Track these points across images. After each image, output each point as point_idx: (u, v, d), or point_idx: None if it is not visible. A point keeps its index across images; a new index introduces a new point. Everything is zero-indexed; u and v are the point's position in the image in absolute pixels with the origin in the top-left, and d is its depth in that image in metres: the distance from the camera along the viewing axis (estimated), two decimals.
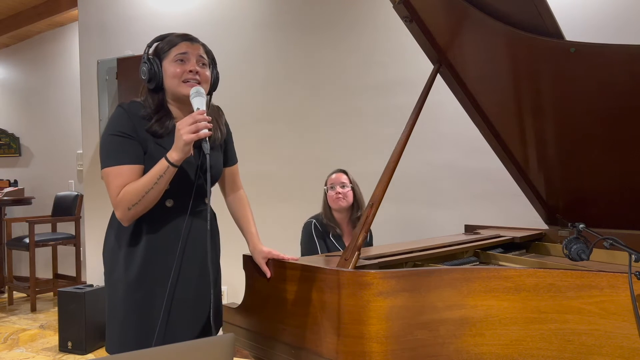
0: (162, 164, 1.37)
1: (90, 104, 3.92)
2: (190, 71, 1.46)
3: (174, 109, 1.51)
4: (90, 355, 3.54)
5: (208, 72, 1.51)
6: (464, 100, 1.94)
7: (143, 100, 1.50)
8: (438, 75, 1.86)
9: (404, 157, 1.70)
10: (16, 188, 5.58)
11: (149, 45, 1.50)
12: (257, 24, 3.41)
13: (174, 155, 1.36)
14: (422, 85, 1.80)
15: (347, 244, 2.50)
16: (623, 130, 1.59)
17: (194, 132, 1.33)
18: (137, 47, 3.73)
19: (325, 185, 2.59)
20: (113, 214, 1.51)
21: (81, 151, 4.65)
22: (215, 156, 1.57)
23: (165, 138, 1.45)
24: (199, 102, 1.40)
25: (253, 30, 3.42)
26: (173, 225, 1.49)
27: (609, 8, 2.47)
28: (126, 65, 3.67)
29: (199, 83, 1.46)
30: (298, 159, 3.29)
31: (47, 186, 5.69)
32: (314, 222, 2.57)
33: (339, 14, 3.16)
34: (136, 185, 1.38)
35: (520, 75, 1.70)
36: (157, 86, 1.48)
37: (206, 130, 1.35)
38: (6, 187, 5.61)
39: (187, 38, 1.49)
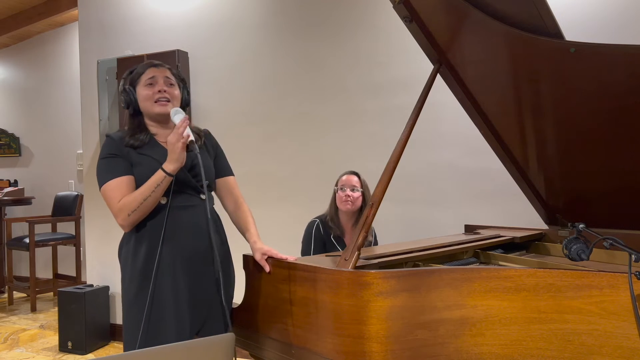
0: (159, 174, 1.56)
1: (90, 104, 3.92)
2: (159, 91, 1.66)
3: (152, 128, 1.72)
4: (90, 355, 3.54)
5: (177, 91, 1.72)
6: (464, 100, 1.94)
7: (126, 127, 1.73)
8: (438, 75, 1.86)
9: (404, 157, 1.70)
10: (16, 188, 5.58)
11: (124, 78, 1.74)
12: (257, 24, 3.41)
13: (169, 166, 1.55)
14: (422, 86, 1.80)
15: (347, 245, 2.50)
16: (623, 130, 1.59)
17: (179, 141, 1.54)
18: (137, 47, 3.73)
19: (336, 185, 2.55)
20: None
21: (81, 151, 4.65)
22: (204, 157, 1.70)
23: (145, 148, 1.65)
24: (180, 117, 1.61)
25: (253, 30, 3.42)
26: (169, 219, 1.62)
27: (609, 8, 2.47)
28: (126, 65, 3.66)
29: (168, 100, 1.67)
30: (298, 159, 3.29)
31: (47, 186, 5.69)
32: (317, 223, 2.54)
33: (339, 14, 3.16)
34: (135, 194, 1.57)
35: (520, 75, 1.70)
36: (135, 111, 1.71)
37: (189, 133, 1.57)
38: (6, 187, 5.61)
39: (152, 64, 1.71)
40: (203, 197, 1.68)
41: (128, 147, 1.63)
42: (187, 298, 1.60)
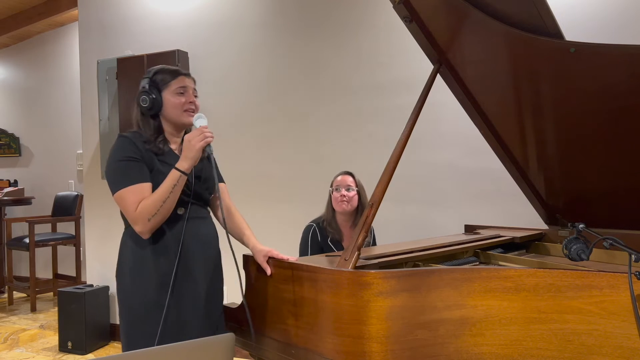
0: (174, 174, 1.56)
1: (90, 104, 3.92)
2: (190, 102, 1.69)
3: (166, 133, 1.72)
4: (90, 355, 3.54)
5: (198, 102, 1.76)
6: (464, 100, 1.94)
7: (140, 130, 1.69)
8: (438, 75, 1.86)
9: (404, 157, 1.70)
10: (16, 188, 5.58)
11: (147, 77, 1.70)
12: (257, 24, 3.41)
13: (184, 164, 1.57)
14: (423, 86, 1.80)
15: (345, 248, 2.49)
16: (623, 130, 1.59)
17: (203, 140, 1.57)
18: (137, 47, 3.73)
19: (331, 186, 2.54)
20: (125, 234, 1.66)
21: (81, 151, 4.65)
22: (207, 166, 1.74)
23: (165, 156, 1.66)
24: (202, 122, 1.66)
25: (253, 30, 3.42)
26: (181, 230, 1.64)
27: (609, 8, 2.47)
28: (126, 65, 3.66)
29: (194, 112, 1.71)
30: (298, 159, 3.29)
31: (47, 186, 5.69)
32: (314, 227, 2.52)
33: (339, 14, 3.16)
34: (153, 197, 1.56)
35: (520, 75, 1.70)
36: (155, 113, 1.69)
37: (211, 138, 1.60)
38: (6, 187, 5.61)
39: (183, 73, 1.72)
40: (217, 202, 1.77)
41: (151, 153, 1.63)
42: (203, 305, 1.65)
